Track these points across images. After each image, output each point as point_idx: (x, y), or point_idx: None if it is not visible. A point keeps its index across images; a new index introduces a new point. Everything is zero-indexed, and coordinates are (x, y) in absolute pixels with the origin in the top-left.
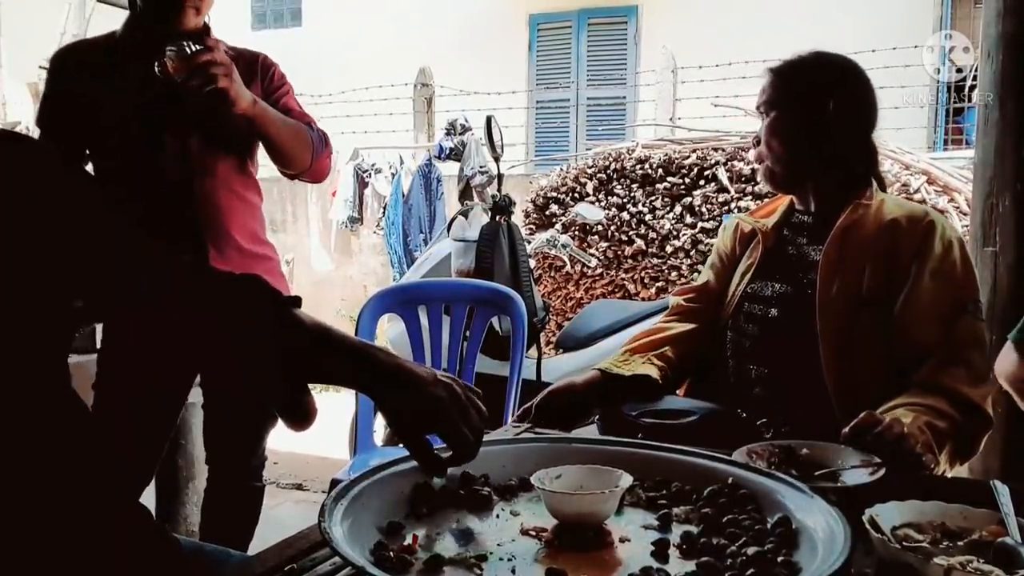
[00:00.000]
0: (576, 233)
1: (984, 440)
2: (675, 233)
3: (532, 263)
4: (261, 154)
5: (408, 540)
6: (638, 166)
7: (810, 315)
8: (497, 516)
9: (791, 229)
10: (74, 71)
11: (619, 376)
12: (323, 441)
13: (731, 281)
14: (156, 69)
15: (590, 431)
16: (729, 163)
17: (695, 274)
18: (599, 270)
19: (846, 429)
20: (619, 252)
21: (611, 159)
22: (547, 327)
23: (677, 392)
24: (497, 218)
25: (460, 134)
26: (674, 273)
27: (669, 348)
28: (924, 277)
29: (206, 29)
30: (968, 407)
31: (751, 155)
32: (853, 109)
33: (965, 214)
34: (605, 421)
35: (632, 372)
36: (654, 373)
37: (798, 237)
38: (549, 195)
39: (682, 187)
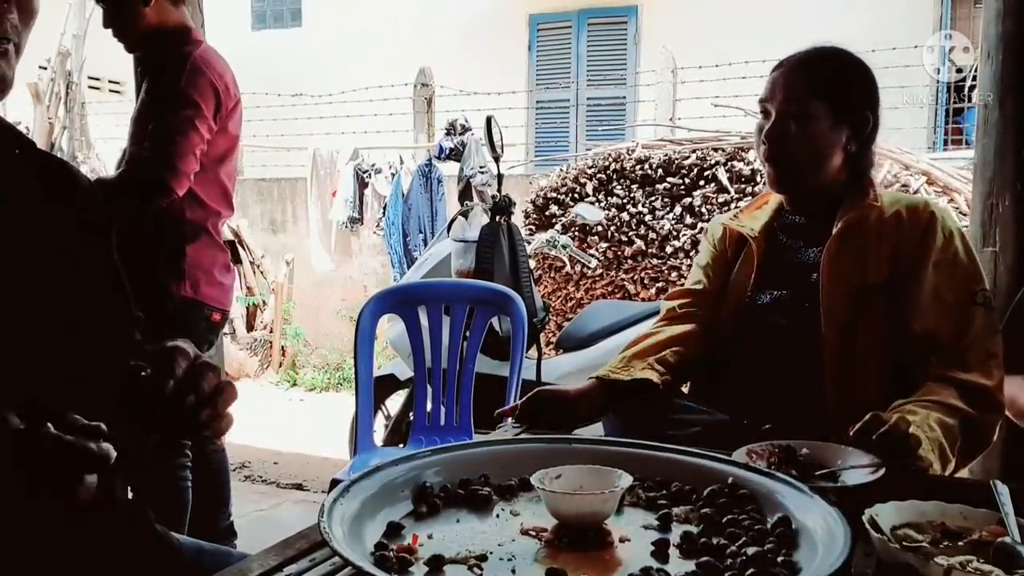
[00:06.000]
0: (576, 233)
1: (997, 429)
2: (675, 233)
3: (532, 263)
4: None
5: (408, 540)
6: (638, 166)
7: (816, 317)
8: (497, 516)
9: (785, 232)
10: None
11: (618, 382)
12: (323, 441)
13: (725, 283)
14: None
15: (591, 431)
16: (729, 163)
17: None
18: (599, 271)
19: (852, 430)
20: (619, 252)
21: (611, 159)
22: (547, 327)
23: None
24: (497, 218)
25: (460, 134)
26: (674, 274)
27: (668, 352)
28: (927, 268)
29: (183, 32)
30: (979, 396)
31: (757, 154)
32: (872, 108)
33: (965, 214)
34: (611, 422)
35: (632, 377)
36: (655, 377)
37: (794, 240)
38: (549, 195)
39: (682, 187)
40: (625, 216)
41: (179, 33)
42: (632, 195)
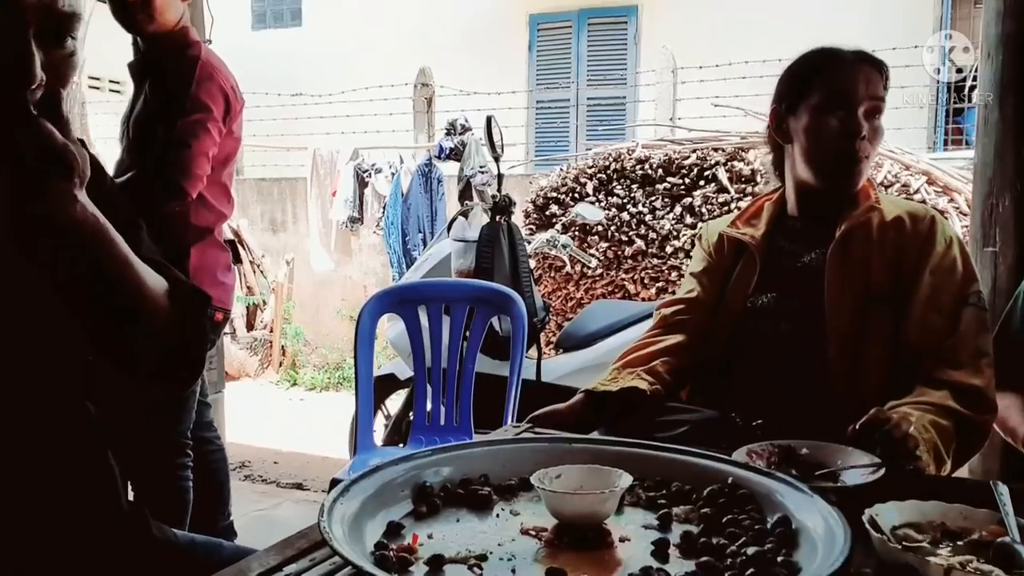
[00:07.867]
0: (576, 233)
1: (991, 430)
2: (675, 233)
3: (532, 263)
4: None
5: (408, 540)
6: (638, 166)
7: (819, 322)
8: (497, 516)
9: (784, 237)
10: None
11: (607, 394)
12: (323, 441)
13: (722, 291)
14: None
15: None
16: (729, 163)
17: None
18: (599, 270)
19: (855, 425)
20: (619, 252)
21: (611, 159)
22: (547, 327)
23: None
24: (497, 218)
25: (460, 134)
26: (674, 273)
27: (658, 362)
28: (924, 274)
29: (183, 33)
30: (972, 396)
31: (810, 151)
32: None
33: (965, 214)
34: (602, 433)
35: (619, 386)
36: (642, 385)
37: (794, 245)
38: (549, 195)
39: (682, 187)
40: (625, 216)
41: (180, 32)
42: (632, 195)
